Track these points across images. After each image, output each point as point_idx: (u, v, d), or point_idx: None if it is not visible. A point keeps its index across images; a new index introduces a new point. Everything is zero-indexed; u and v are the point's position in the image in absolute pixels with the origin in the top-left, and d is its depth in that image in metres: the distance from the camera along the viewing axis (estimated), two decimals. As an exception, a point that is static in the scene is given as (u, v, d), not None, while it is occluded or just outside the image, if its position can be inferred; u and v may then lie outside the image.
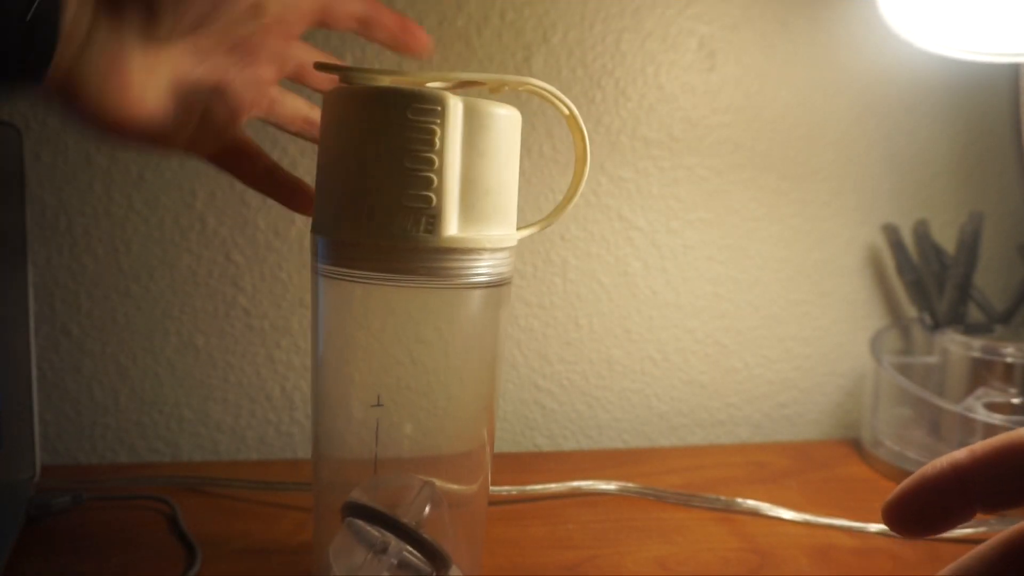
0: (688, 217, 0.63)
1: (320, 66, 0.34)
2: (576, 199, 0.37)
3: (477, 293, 0.35)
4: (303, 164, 0.57)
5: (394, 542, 0.35)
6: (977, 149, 0.66)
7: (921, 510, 0.24)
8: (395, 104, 0.31)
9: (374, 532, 0.36)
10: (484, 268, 0.33)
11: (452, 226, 0.32)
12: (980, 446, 0.24)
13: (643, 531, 0.48)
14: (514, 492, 0.52)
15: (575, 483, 0.53)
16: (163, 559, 0.44)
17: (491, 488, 0.51)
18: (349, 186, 0.32)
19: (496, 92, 0.35)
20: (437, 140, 0.31)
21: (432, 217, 0.31)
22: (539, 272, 0.62)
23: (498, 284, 0.35)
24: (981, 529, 0.44)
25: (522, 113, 0.61)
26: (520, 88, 0.34)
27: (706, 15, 0.61)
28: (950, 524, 0.24)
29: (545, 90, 0.34)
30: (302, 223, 0.58)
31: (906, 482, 0.24)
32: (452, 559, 0.36)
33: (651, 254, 0.63)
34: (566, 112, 0.36)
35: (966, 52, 0.53)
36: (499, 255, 0.34)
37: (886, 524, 0.24)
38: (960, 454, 0.24)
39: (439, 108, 0.31)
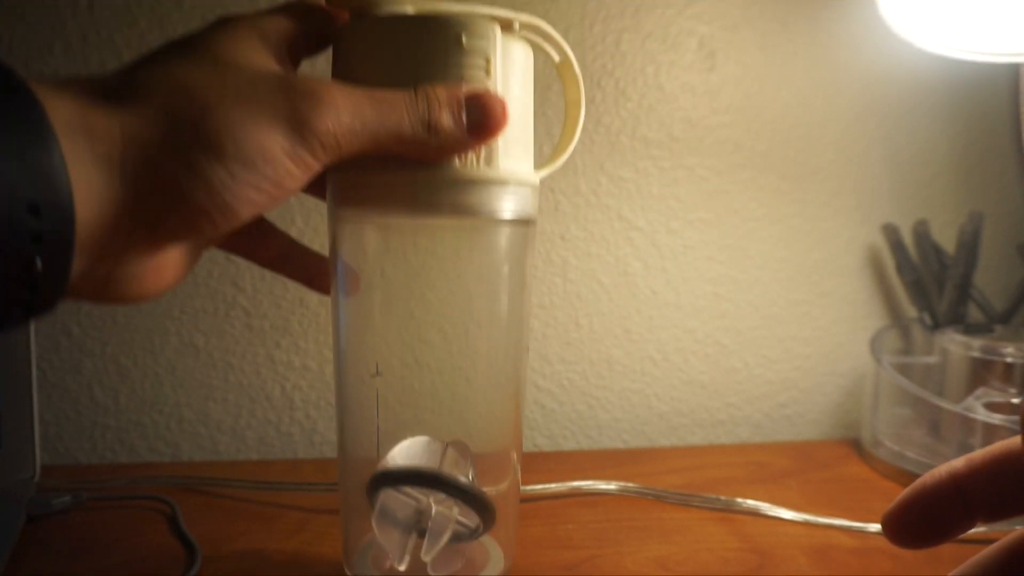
0: (688, 217, 0.63)
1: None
2: (574, 144, 0.36)
3: (504, 230, 0.33)
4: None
5: (433, 506, 0.34)
6: (977, 149, 0.66)
7: (921, 520, 0.24)
8: (450, 29, 0.29)
9: (410, 500, 0.34)
10: (511, 203, 0.31)
11: (497, 158, 0.30)
12: (978, 454, 0.23)
13: (643, 531, 0.48)
14: (514, 492, 0.52)
15: (575, 483, 0.53)
16: (163, 559, 0.44)
17: (491, 488, 0.51)
18: None
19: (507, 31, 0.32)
20: (492, 68, 0.30)
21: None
22: (539, 272, 0.62)
23: (523, 221, 0.33)
24: (982, 529, 0.44)
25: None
26: (526, 28, 0.32)
27: (706, 15, 0.61)
28: (950, 534, 0.24)
29: (547, 33, 0.33)
30: (302, 222, 0.58)
31: (905, 493, 0.24)
32: (495, 509, 0.34)
33: (651, 254, 0.63)
34: (557, 58, 0.34)
35: (966, 52, 0.53)
36: (524, 191, 0.32)
37: (887, 536, 0.24)
38: (958, 463, 0.24)
39: (492, 35, 0.30)
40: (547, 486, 0.52)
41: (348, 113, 0.27)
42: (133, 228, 0.26)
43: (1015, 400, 0.56)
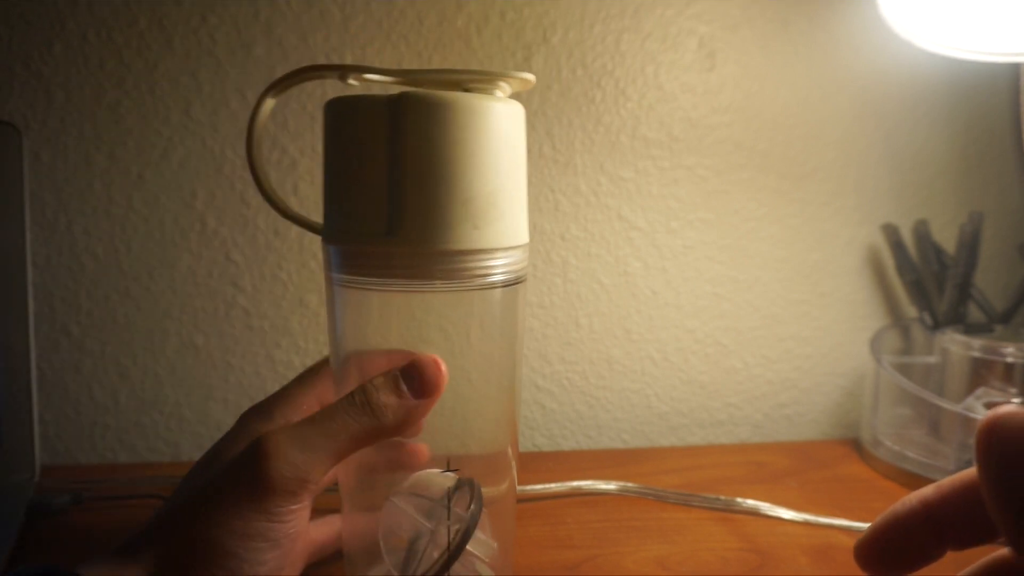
0: (688, 217, 0.63)
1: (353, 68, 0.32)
2: None
3: (497, 291, 0.34)
4: (303, 163, 0.57)
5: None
6: (977, 149, 0.66)
7: (893, 549, 0.24)
8: (475, 111, 0.31)
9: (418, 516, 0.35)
10: (502, 268, 0.33)
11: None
12: (947, 482, 0.23)
13: (643, 531, 0.48)
14: (514, 492, 0.52)
15: (575, 483, 0.53)
16: (163, 559, 0.44)
17: (491, 488, 0.51)
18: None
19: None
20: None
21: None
22: (539, 272, 0.62)
23: (515, 282, 0.34)
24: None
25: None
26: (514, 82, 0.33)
27: (706, 15, 0.61)
28: (922, 562, 0.24)
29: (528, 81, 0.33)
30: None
31: (877, 521, 0.24)
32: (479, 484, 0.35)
33: (651, 254, 0.63)
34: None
35: (966, 52, 0.53)
36: (515, 252, 0.34)
37: (859, 565, 0.24)
38: (928, 490, 0.24)
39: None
40: (547, 486, 0.52)
41: (307, 468, 0.29)
42: None
43: (1015, 400, 0.56)
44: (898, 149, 0.65)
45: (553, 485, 0.53)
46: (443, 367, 0.31)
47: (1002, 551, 0.23)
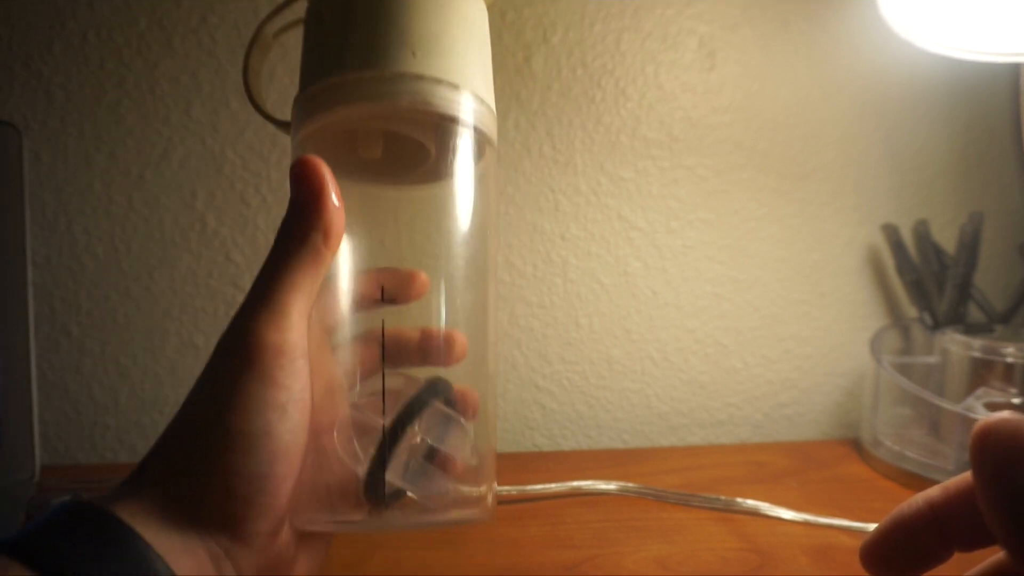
0: (688, 217, 0.63)
1: None
2: None
3: (465, 143, 0.33)
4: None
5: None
6: (977, 149, 0.66)
7: (899, 551, 0.24)
8: None
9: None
10: (451, 106, 0.32)
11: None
12: (953, 483, 0.23)
13: (643, 531, 0.48)
14: (514, 492, 0.52)
15: (575, 483, 0.53)
16: (163, 559, 0.44)
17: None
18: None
19: None
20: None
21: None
22: (539, 272, 0.62)
23: (473, 130, 0.33)
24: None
25: (522, 112, 0.61)
26: None
27: (706, 15, 0.61)
28: (930, 563, 0.24)
29: None
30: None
31: (882, 523, 0.24)
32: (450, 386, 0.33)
33: (651, 254, 0.63)
34: None
35: (966, 52, 0.53)
36: (483, 109, 0.33)
37: (865, 567, 0.24)
38: (934, 491, 0.24)
39: None
40: (547, 486, 0.52)
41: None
42: None
43: (1015, 400, 0.56)
44: (898, 149, 0.65)
45: (553, 485, 0.53)
46: (314, 159, 0.30)
47: None
